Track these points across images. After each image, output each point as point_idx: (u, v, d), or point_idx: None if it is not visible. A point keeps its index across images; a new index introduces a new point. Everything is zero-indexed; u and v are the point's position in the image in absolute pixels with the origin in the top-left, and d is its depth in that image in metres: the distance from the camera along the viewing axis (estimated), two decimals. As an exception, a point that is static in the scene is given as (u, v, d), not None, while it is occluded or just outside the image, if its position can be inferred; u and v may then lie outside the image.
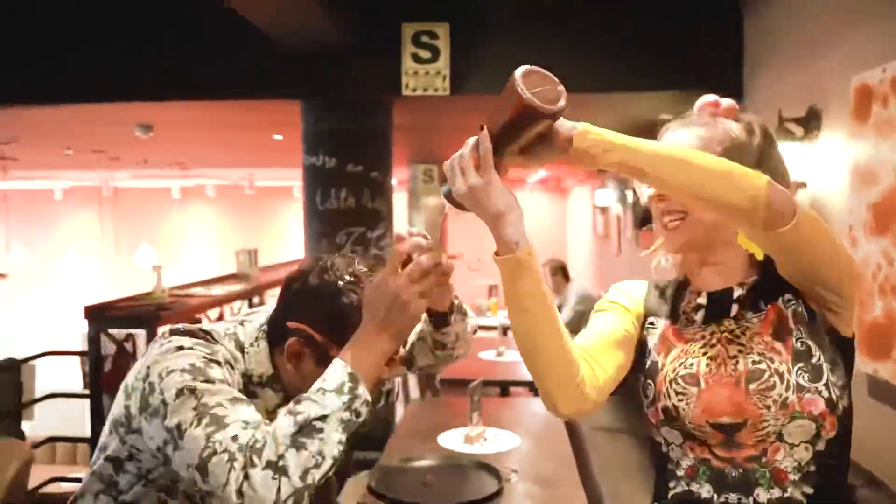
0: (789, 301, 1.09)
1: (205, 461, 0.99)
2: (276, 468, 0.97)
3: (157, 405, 1.05)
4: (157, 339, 1.17)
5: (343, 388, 1.03)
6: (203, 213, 13.11)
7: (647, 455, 1.25)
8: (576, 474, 2.39)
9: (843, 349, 1.08)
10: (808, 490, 1.04)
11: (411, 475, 2.33)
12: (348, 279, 1.19)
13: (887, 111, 2.27)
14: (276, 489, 0.96)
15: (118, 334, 3.72)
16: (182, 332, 1.16)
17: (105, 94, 4.21)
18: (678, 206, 1.10)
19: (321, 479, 1.00)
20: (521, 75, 0.97)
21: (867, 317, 2.32)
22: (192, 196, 12.44)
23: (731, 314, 1.11)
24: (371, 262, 1.25)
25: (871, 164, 2.35)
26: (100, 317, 3.75)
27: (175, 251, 12.15)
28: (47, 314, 11.71)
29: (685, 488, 1.11)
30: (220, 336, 1.20)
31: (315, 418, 1.01)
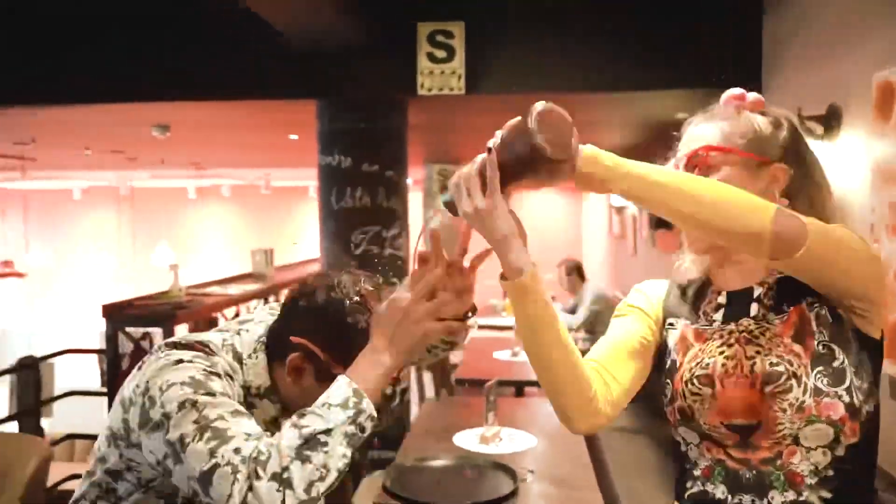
0: (812, 304, 1.06)
1: (208, 474, 0.99)
2: (280, 480, 0.97)
3: (158, 419, 1.05)
4: (153, 352, 1.17)
5: (348, 403, 1.04)
6: (218, 212, 13.20)
7: (663, 456, 1.25)
8: (592, 475, 2.38)
9: (870, 351, 1.06)
10: (826, 494, 1.02)
11: (426, 475, 2.33)
12: (355, 299, 1.19)
13: (909, 109, 2.23)
14: (280, 501, 0.96)
15: (135, 332, 3.76)
16: (180, 346, 1.16)
17: (122, 95, 4.24)
18: None
19: (325, 491, 1.01)
20: (536, 115, 0.95)
21: (889, 317, 2.28)
22: (208, 196, 12.53)
23: (751, 314, 1.10)
24: (377, 282, 1.25)
25: (893, 162, 2.32)
26: (117, 315, 3.78)
27: (190, 250, 12.24)
28: (66, 313, 11.84)
29: (701, 488, 1.11)
30: (217, 347, 1.19)
31: (320, 432, 1.01)
